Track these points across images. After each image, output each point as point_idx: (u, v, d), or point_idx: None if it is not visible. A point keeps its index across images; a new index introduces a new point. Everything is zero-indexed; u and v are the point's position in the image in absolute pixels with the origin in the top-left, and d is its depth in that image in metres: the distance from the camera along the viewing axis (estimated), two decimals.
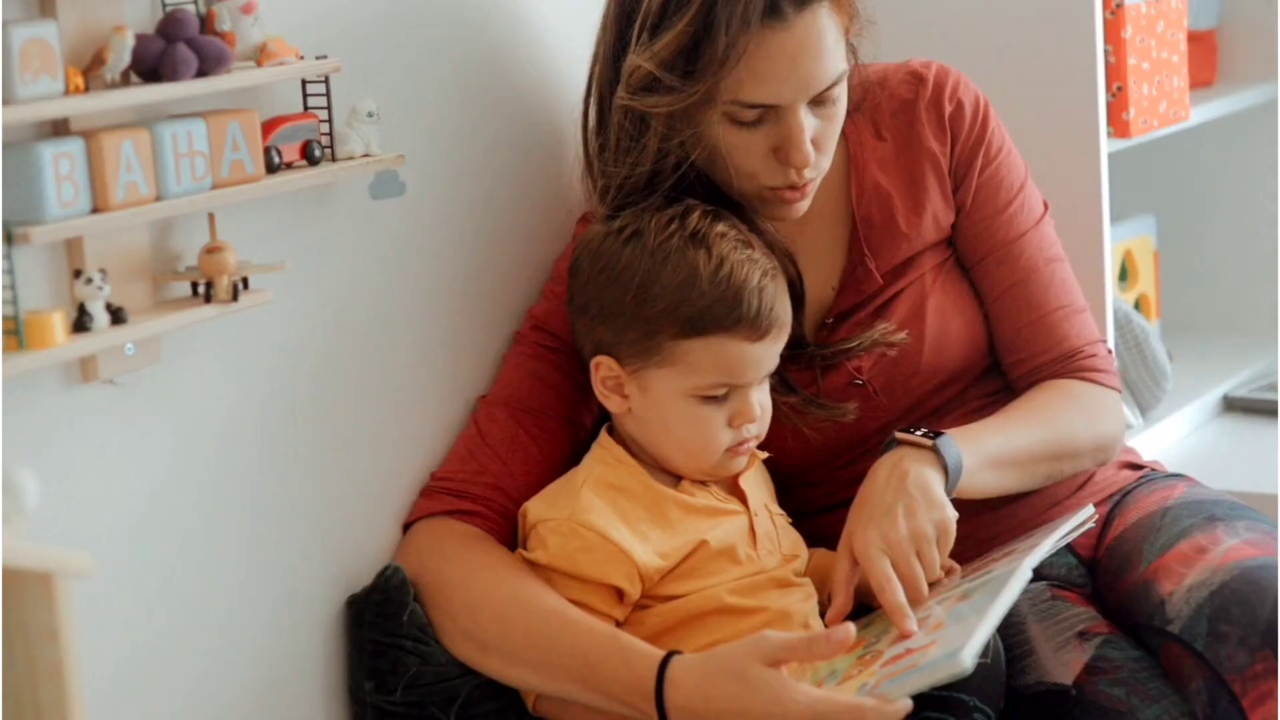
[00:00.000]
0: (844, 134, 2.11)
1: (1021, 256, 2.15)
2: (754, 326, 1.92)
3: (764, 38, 1.91)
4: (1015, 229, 2.16)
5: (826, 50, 1.94)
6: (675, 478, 1.99)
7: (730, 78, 1.91)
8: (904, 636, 1.82)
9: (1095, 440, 2.13)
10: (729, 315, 1.91)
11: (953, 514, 1.92)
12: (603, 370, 1.98)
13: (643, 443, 1.99)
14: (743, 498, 2.00)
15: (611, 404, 2.00)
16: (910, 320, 2.11)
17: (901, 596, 1.85)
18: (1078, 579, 2.12)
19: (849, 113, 2.07)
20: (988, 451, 2.02)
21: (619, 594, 1.93)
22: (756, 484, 2.03)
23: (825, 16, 1.94)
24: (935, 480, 1.94)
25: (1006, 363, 2.17)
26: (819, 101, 1.97)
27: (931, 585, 1.89)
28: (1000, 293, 2.15)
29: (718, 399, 1.95)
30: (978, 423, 2.07)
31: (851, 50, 2.03)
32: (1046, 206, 2.21)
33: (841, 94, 2.00)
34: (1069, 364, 2.15)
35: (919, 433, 1.97)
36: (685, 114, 1.94)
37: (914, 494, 1.91)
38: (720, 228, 1.95)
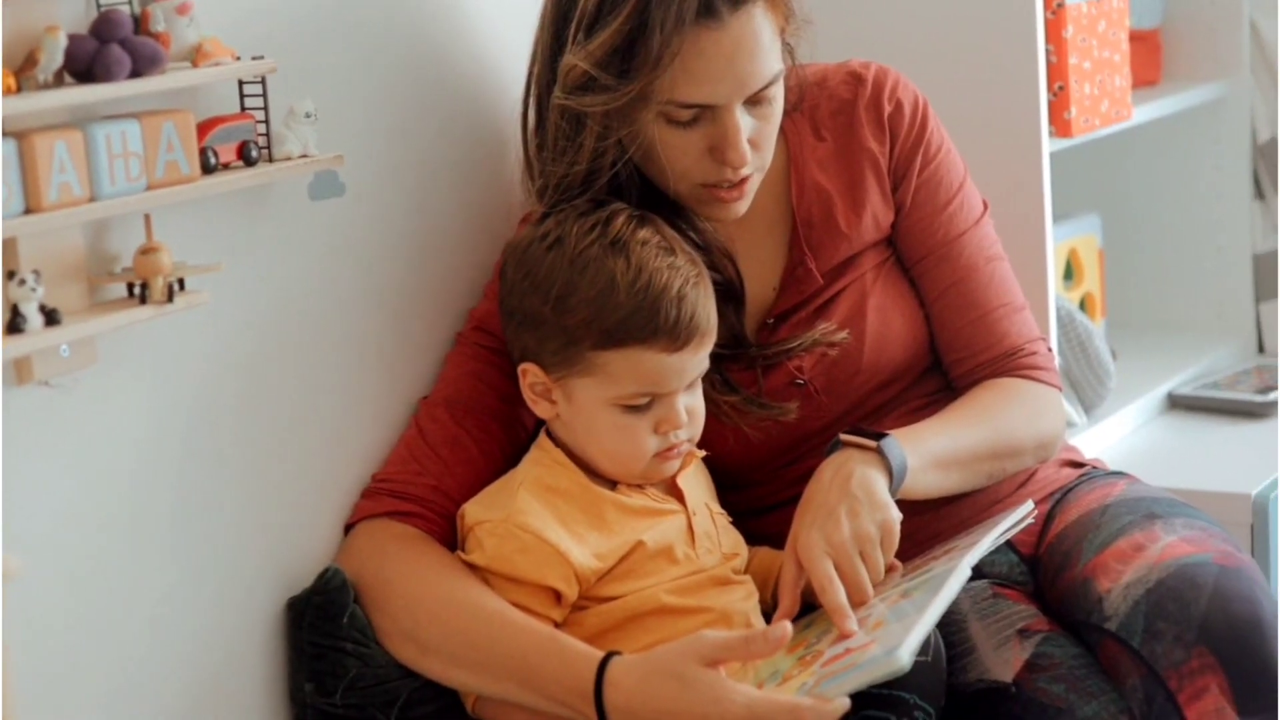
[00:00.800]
0: (784, 134, 2.12)
1: (961, 256, 2.16)
2: (672, 337, 1.91)
3: (698, 37, 1.91)
4: (955, 228, 2.16)
5: (762, 49, 1.94)
6: (613, 480, 1.99)
7: (665, 77, 1.91)
8: (844, 636, 1.82)
9: (1037, 438, 2.14)
10: (646, 326, 1.90)
11: (896, 515, 1.92)
12: (529, 377, 1.98)
13: (573, 448, 1.99)
14: (681, 497, 2.00)
15: (540, 410, 2.00)
16: (851, 320, 2.12)
17: (843, 598, 1.85)
18: (1019, 577, 2.13)
19: (787, 113, 2.07)
20: (931, 451, 2.02)
21: (556, 595, 1.92)
22: (696, 483, 2.04)
23: (760, 16, 1.94)
24: (879, 481, 1.94)
25: (947, 362, 2.18)
26: (755, 101, 1.97)
27: (873, 586, 1.89)
28: (940, 292, 2.16)
29: (641, 407, 1.94)
30: (920, 423, 2.07)
31: (788, 50, 2.03)
32: (986, 206, 2.21)
33: (778, 93, 2.00)
34: (1009, 362, 2.16)
35: (863, 434, 1.97)
36: (621, 113, 1.94)
37: (858, 495, 1.92)
38: (643, 234, 1.94)
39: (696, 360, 1.95)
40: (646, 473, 1.97)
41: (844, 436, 1.99)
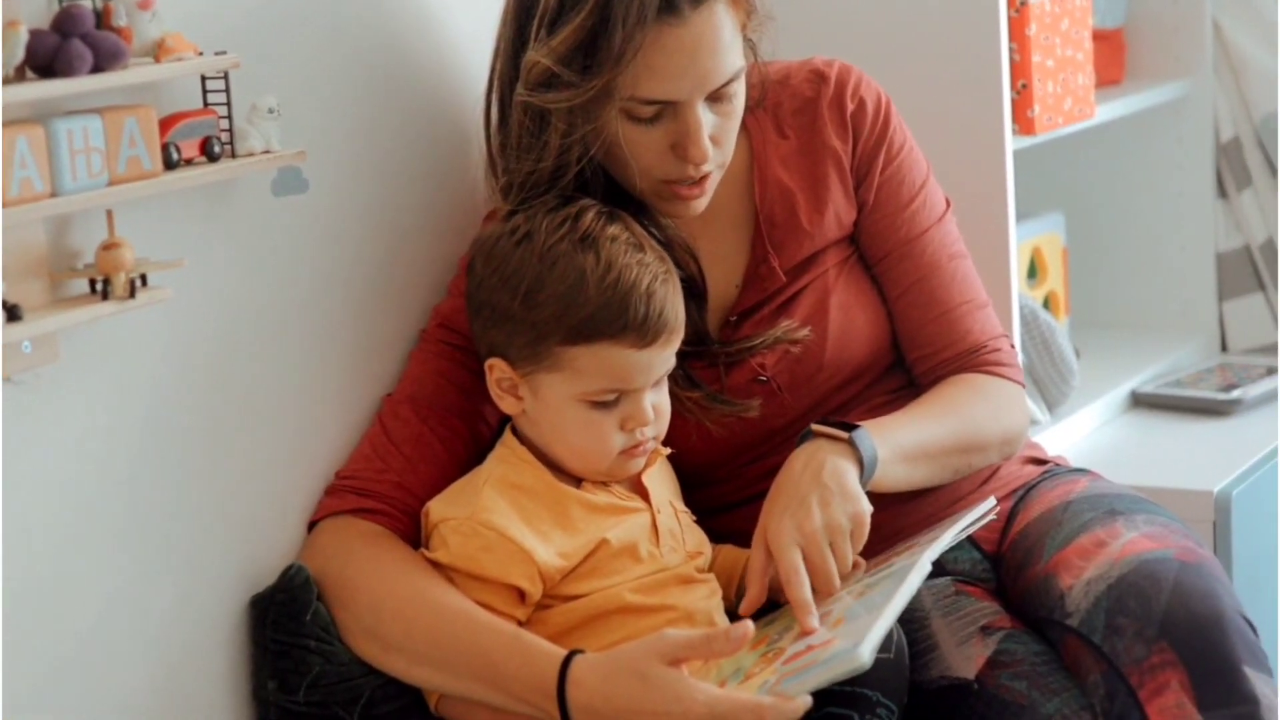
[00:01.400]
0: (747, 131, 2.12)
1: (924, 253, 2.16)
2: (641, 333, 1.91)
3: (660, 33, 1.91)
4: (917, 226, 2.17)
5: (723, 46, 1.95)
6: (578, 477, 1.99)
7: (627, 74, 1.91)
8: (806, 633, 1.82)
9: (1002, 434, 2.14)
10: (615, 322, 1.90)
11: (867, 507, 1.93)
12: (496, 372, 1.98)
13: (538, 444, 1.99)
14: (645, 495, 2.00)
15: (506, 406, 1.99)
16: (813, 317, 2.12)
17: (807, 592, 1.85)
18: (982, 574, 2.13)
19: (749, 110, 2.07)
20: (899, 444, 2.03)
21: (520, 594, 1.92)
22: (660, 480, 2.04)
23: (722, 12, 1.94)
24: (850, 473, 1.94)
25: (910, 359, 2.18)
26: (717, 98, 1.97)
27: (841, 578, 1.90)
28: (903, 289, 2.16)
29: (608, 404, 1.94)
30: (888, 416, 2.07)
31: (751, 47, 2.04)
32: (949, 204, 2.22)
33: (739, 90, 2.00)
34: (973, 359, 2.16)
35: (835, 425, 1.98)
36: (584, 110, 1.93)
37: (829, 485, 1.92)
38: (612, 230, 1.94)
39: (664, 357, 1.95)
40: (612, 470, 1.97)
41: (815, 427, 1.99)
